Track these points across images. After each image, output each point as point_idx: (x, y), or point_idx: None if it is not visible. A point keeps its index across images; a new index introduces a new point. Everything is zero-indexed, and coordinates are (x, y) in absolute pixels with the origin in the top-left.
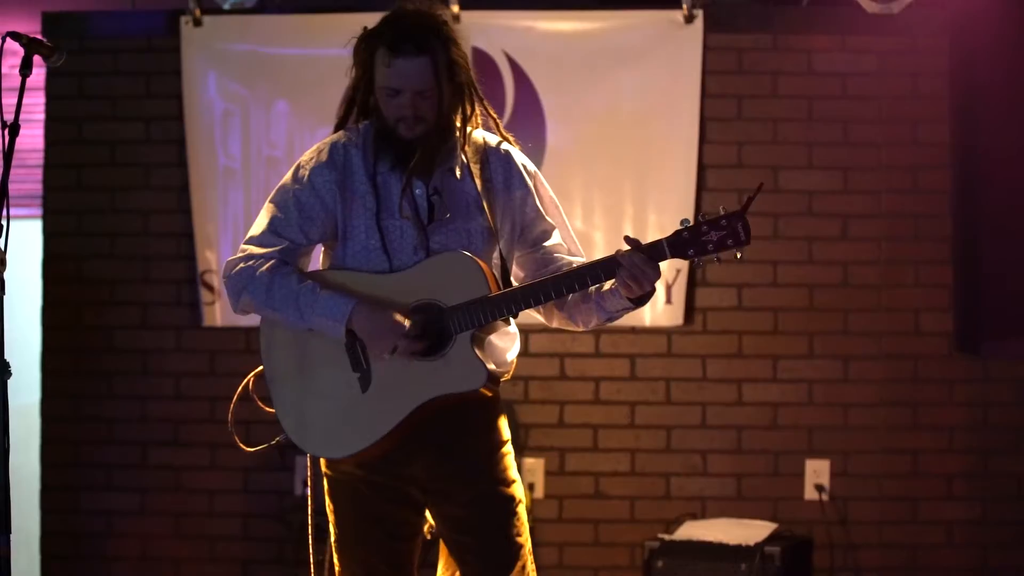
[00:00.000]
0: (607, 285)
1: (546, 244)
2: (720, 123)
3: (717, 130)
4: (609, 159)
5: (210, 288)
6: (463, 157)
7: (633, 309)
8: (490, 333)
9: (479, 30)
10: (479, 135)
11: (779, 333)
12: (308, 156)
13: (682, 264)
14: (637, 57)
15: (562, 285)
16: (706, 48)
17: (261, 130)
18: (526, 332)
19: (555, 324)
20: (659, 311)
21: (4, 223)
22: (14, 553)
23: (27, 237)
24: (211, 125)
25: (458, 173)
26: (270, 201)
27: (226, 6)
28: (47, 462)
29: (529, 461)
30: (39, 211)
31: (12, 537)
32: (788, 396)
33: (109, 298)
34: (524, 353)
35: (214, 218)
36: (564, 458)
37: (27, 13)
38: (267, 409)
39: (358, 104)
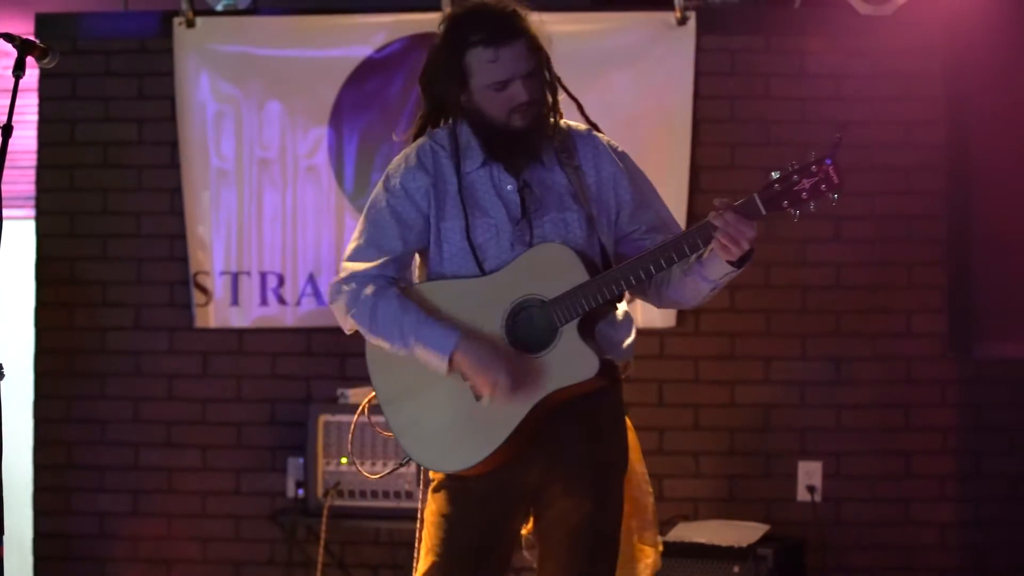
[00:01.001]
0: (706, 254)
1: (645, 224)
2: (713, 124)
3: (710, 131)
4: None
5: (203, 290)
6: (552, 147)
7: (736, 273)
8: (598, 321)
9: None
10: (564, 124)
11: (772, 335)
12: (395, 164)
13: None
14: (630, 59)
15: (660, 258)
16: (699, 50)
17: (254, 131)
18: None
19: (663, 305)
20: (651, 312)
21: None
22: (6, 554)
23: (20, 238)
24: (204, 126)
25: (546, 163)
26: (364, 216)
27: (219, 7)
28: (40, 463)
29: None
30: (32, 212)
31: (4, 538)
32: (780, 398)
33: (102, 299)
34: None
35: (207, 220)
36: None
37: (20, 14)
38: (385, 434)
39: (448, 106)
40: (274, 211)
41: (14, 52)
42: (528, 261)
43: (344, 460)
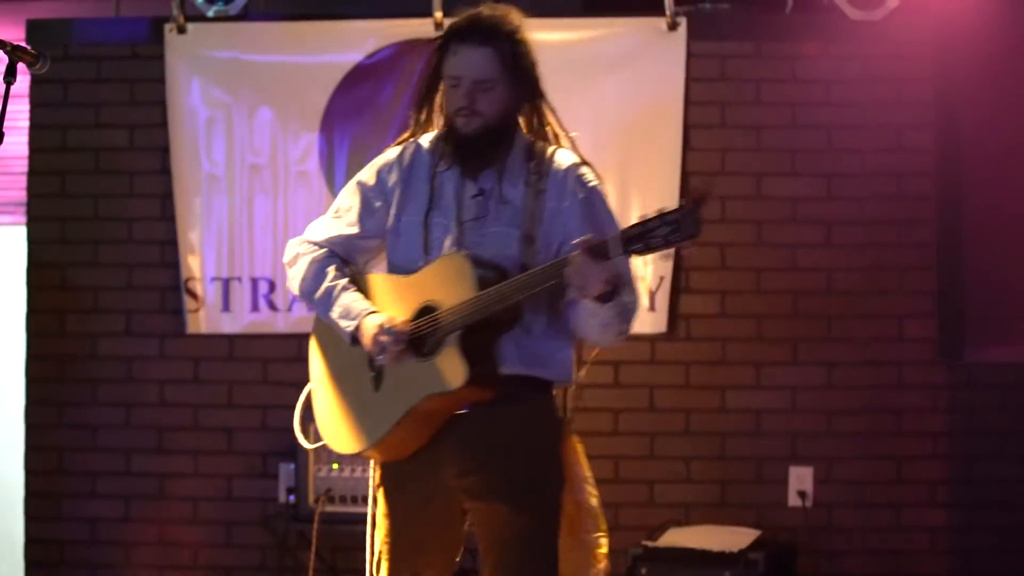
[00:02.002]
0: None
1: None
2: (704, 130)
3: (701, 137)
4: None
5: (194, 295)
6: (526, 166)
7: (606, 310)
8: (491, 334)
9: None
10: (554, 150)
11: (763, 340)
12: (383, 154)
13: (665, 271)
14: (621, 65)
15: (518, 287)
16: (690, 55)
17: (244, 137)
18: None
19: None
20: (642, 318)
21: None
22: None
23: (11, 244)
24: (195, 132)
25: (511, 178)
26: (340, 194)
27: (210, 13)
28: (31, 469)
29: None
30: (23, 218)
31: None
32: (771, 403)
33: (93, 305)
34: None
35: (198, 225)
36: None
37: (11, 20)
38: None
39: (427, 103)
40: (265, 217)
41: (5, 58)
42: (436, 267)
43: (336, 466)
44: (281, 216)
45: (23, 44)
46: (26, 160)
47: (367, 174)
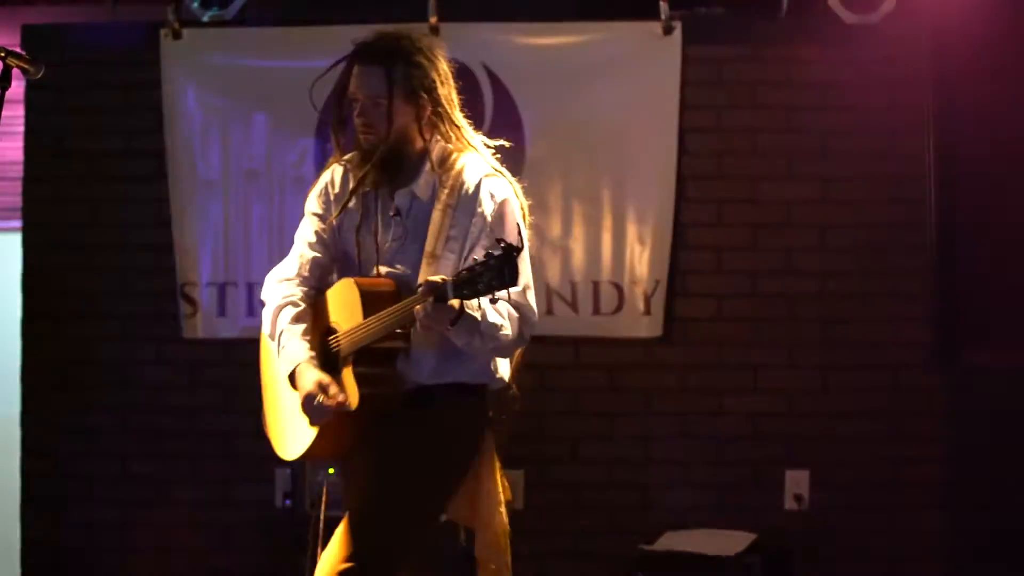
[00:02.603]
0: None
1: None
2: (699, 134)
3: (696, 141)
4: (588, 170)
5: (190, 300)
6: (436, 180)
7: (453, 335)
8: (382, 361)
9: (458, 42)
10: (464, 162)
11: (758, 344)
12: (319, 180)
13: (661, 275)
14: (616, 68)
15: (386, 323)
16: (685, 59)
17: (240, 142)
18: None
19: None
20: (638, 322)
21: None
22: None
23: (7, 250)
24: (191, 137)
25: (424, 196)
26: (300, 226)
27: (205, 18)
28: (28, 474)
29: (509, 473)
30: (19, 224)
31: None
32: (767, 406)
33: (89, 310)
34: None
35: (194, 231)
36: (544, 470)
37: (7, 26)
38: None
39: (340, 123)
40: (261, 222)
41: (0, 64)
42: (335, 292)
43: (332, 471)
44: (277, 221)
45: (18, 50)
46: (22, 165)
47: (312, 203)
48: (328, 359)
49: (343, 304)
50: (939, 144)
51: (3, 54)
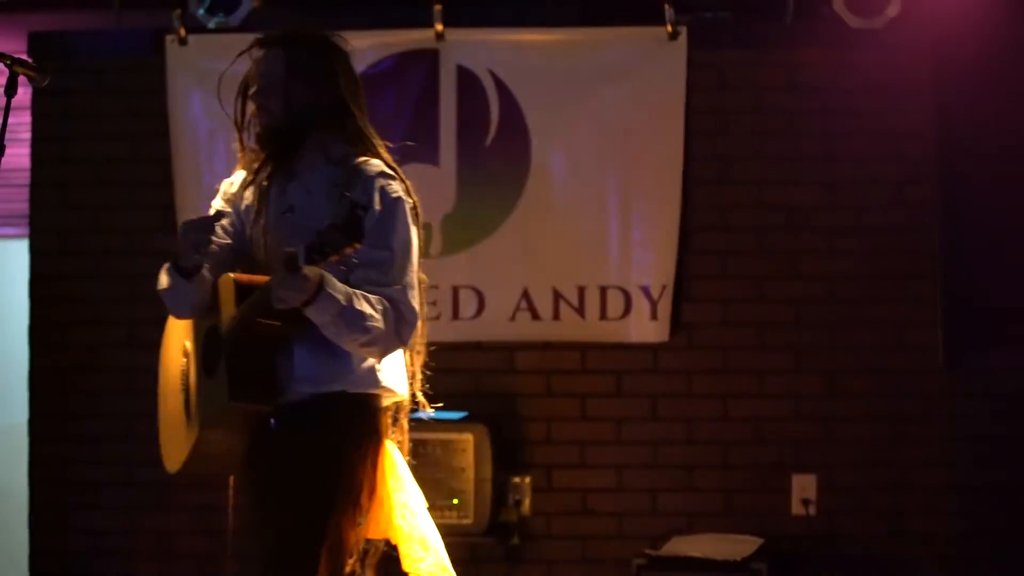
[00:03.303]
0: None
1: (358, 271)
2: (704, 138)
3: (701, 145)
4: (594, 175)
5: None
6: (331, 175)
7: (315, 315)
8: (264, 350)
9: (463, 48)
10: (361, 161)
11: (764, 348)
12: (229, 178)
13: (668, 280)
14: (621, 74)
15: (252, 308)
16: (690, 64)
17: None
18: (511, 349)
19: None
20: (645, 327)
21: None
22: (3, 573)
23: (14, 256)
24: (196, 144)
25: (319, 192)
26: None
27: (211, 25)
28: (35, 481)
29: (516, 479)
30: (25, 230)
31: (1, 555)
32: (774, 411)
33: (95, 317)
34: (511, 370)
35: None
36: (551, 475)
37: (13, 33)
38: None
39: (241, 116)
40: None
41: (6, 71)
42: (218, 288)
43: None
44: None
45: (24, 57)
46: (28, 172)
47: (217, 200)
48: (209, 356)
49: (223, 300)
50: (943, 147)
51: (9, 62)
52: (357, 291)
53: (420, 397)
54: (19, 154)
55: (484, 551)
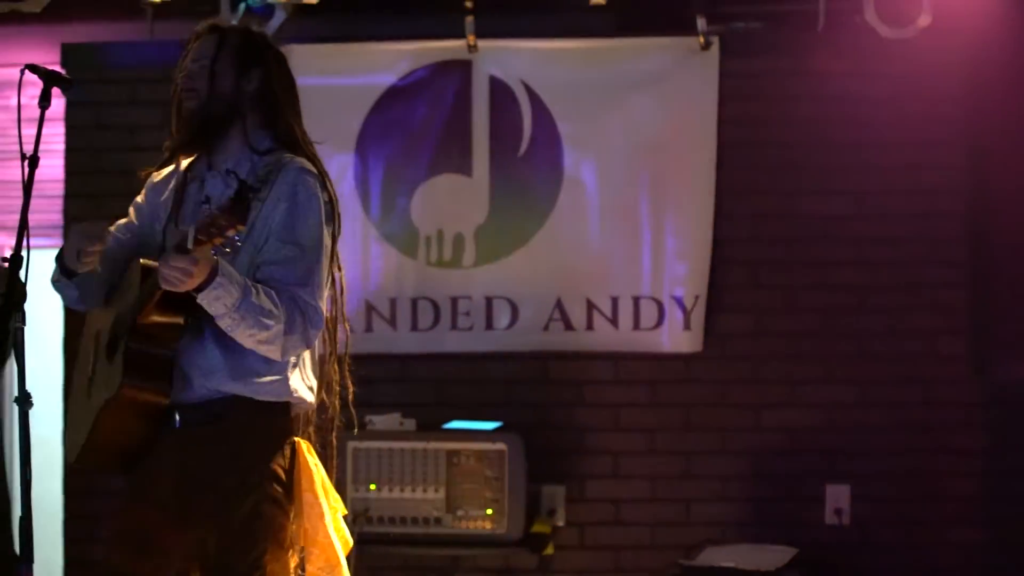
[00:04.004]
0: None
1: (263, 268)
2: (736, 148)
3: (733, 155)
4: (627, 185)
5: None
6: (252, 166)
7: (205, 297)
8: (157, 344)
9: (496, 59)
10: (289, 158)
11: (796, 358)
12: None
13: (701, 290)
14: (654, 83)
15: (145, 290)
16: (722, 74)
17: None
18: (544, 359)
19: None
20: (678, 337)
21: (25, 254)
22: None
23: (48, 268)
24: None
25: (233, 184)
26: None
27: None
28: (69, 491)
29: (549, 488)
30: (59, 241)
31: (35, 567)
32: (806, 421)
33: None
34: (544, 381)
35: None
36: (584, 485)
37: (47, 44)
38: None
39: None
40: None
41: (40, 83)
42: (126, 274)
43: (373, 486)
44: None
45: (58, 69)
46: (61, 183)
47: (140, 196)
48: (112, 342)
49: (129, 286)
50: (974, 157)
51: (43, 74)
52: (257, 285)
53: (351, 408)
54: (52, 165)
55: (517, 561)
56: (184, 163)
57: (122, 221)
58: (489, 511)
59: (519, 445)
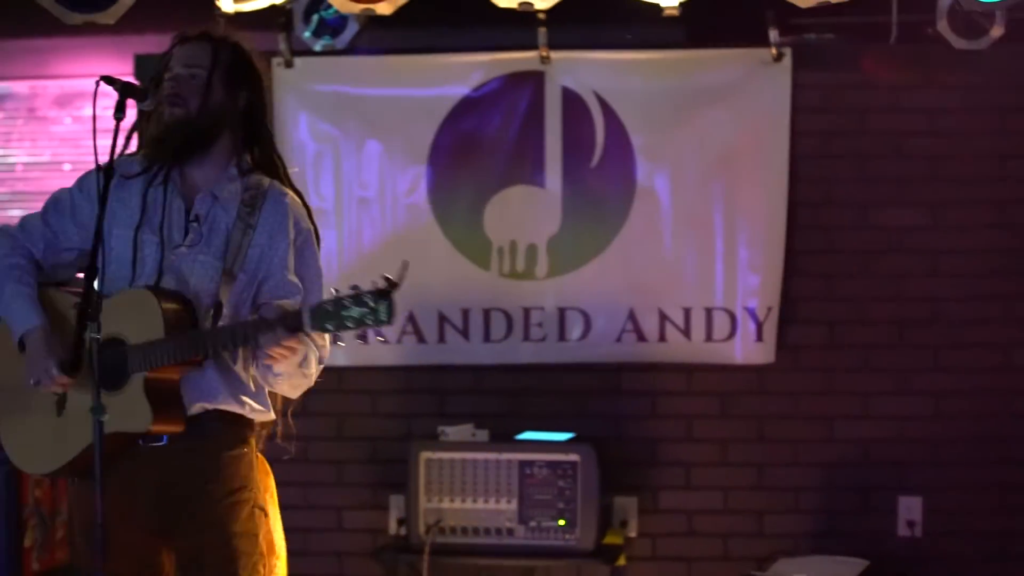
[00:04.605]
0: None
1: (274, 304)
2: (809, 160)
3: (806, 167)
4: (699, 196)
5: None
6: (241, 196)
7: (287, 367)
8: (177, 374)
9: (569, 70)
10: (269, 182)
11: (869, 370)
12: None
13: (773, 302)
14: (726, 95)
15: (211, 342)
16: (794, 86)
17: (352, 171)
18: (617, 370)
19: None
20: (751, 349)
21: (100, 265)
22: None
23: None
24: (303, 166)
25: (225, 207)
26: (50, 197)
27: (317, 47)
28: None
29: (622, 499)
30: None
31: None
32: (879, 432)
33: None
34: (617, 392)
35: None
36: (657, 496)
37: (119, 56)
38: None
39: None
40: (374, 250)
41: (114, 94)
42: (125, 299)
43: (445, 497)
44: (391, 249)
45: (131, 80)
46: None
47: (77, 181)
48: (110, 369)
49: (135, 314)
50: None
51: (118, 86)
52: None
53: (289, 418)
54: None
55: (590, 572)
56: (117, 162)
57: (58, 213)
58: (561, 522)
59: (592, 456)
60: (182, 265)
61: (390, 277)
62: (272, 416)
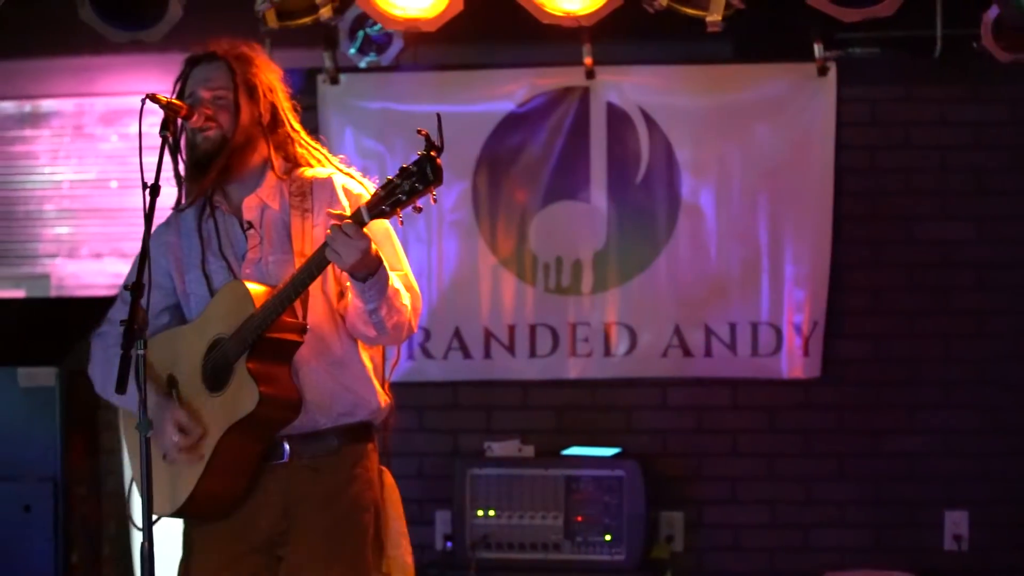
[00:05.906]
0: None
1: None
2: (854, 174)
3: (851, 181)
4: (744, 211)
5: None
6: (282, 189)
7: (366, 289)
8: (278, 358)
9: (614, 86)
10: (309, 171)
11: (915, 383)
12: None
13: (819, 316)
14: (771, 109)
15: (297, 282)
16: (840, 100)
17: None
18: (663, 385)
19: (358, 338)
20: (796, 363)
21: (146, 282)
22: None
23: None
24: None
25: (275, 205)
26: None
27: (362, 64)
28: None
29: (668, 514)
30: None
31: None
32: (925, 446)
33: None
34: (663, 407)
35: None
36: (703, 511)
37: (165, 73)
38: None
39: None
40: (419, 265)
41: (160, 112)
42: (217, 301)
43: (492, 512)
44: (436, 265)
45: (176, 99)
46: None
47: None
48: (216, 373)
49: (228, 308)
50: None
51: (163, 103)
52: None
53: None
54: (172, 193)
55: None
56: (171, 218)
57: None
58: (608, 537)
59: (637, 471)
60: (255, 273)
61: (427, 134)
62: (387, 399)
